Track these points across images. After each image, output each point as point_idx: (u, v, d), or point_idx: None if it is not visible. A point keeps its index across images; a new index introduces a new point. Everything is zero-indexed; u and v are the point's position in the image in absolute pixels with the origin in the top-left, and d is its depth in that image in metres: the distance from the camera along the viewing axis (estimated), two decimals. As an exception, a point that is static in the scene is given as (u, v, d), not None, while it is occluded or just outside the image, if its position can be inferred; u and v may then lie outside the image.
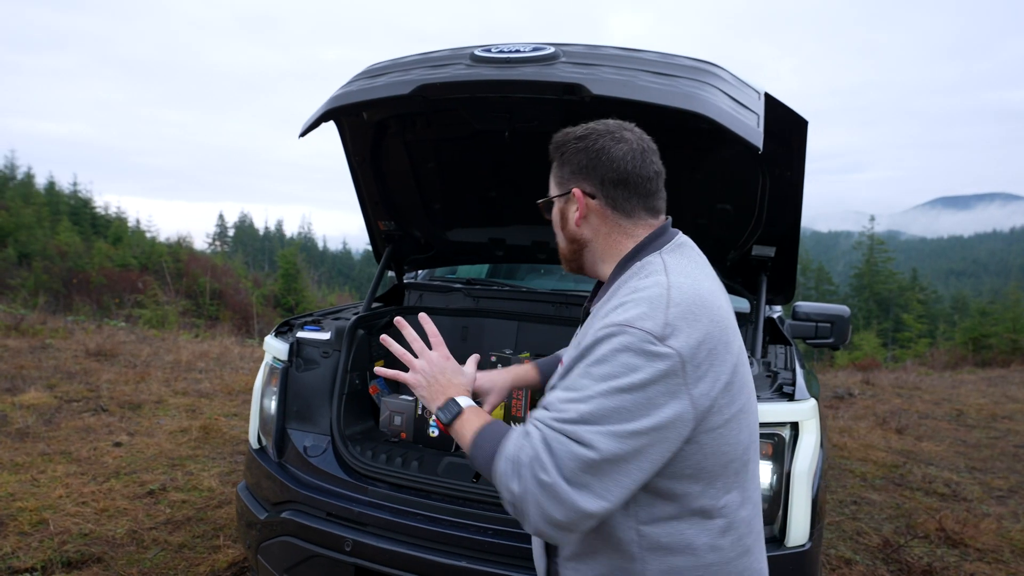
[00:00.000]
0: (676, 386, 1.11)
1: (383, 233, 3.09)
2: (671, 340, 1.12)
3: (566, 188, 1.35)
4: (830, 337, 3.21)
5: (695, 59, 2.03)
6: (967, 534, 4.00)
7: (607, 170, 1.31)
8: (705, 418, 1.16)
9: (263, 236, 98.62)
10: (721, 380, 1.17)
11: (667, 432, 1.12)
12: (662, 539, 1.22)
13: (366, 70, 2.28)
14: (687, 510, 1.21)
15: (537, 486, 1.09)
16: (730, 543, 1.24)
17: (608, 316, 1.19)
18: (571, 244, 1.39)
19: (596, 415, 1.09)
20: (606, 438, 1.08)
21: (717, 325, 1.19)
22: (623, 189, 1.32)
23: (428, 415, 2.44)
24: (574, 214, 1.35)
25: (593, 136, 1.33)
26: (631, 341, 1.12)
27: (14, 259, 29.59)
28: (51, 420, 5.25)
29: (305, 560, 2.14)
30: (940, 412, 7.85)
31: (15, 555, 3.19)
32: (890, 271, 44.84)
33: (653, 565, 1.22)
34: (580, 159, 1.33)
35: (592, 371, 1.13)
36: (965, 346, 18.88)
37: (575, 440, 1.09)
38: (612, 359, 1.12)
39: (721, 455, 1.20)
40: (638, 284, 1.23)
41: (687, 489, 1.20)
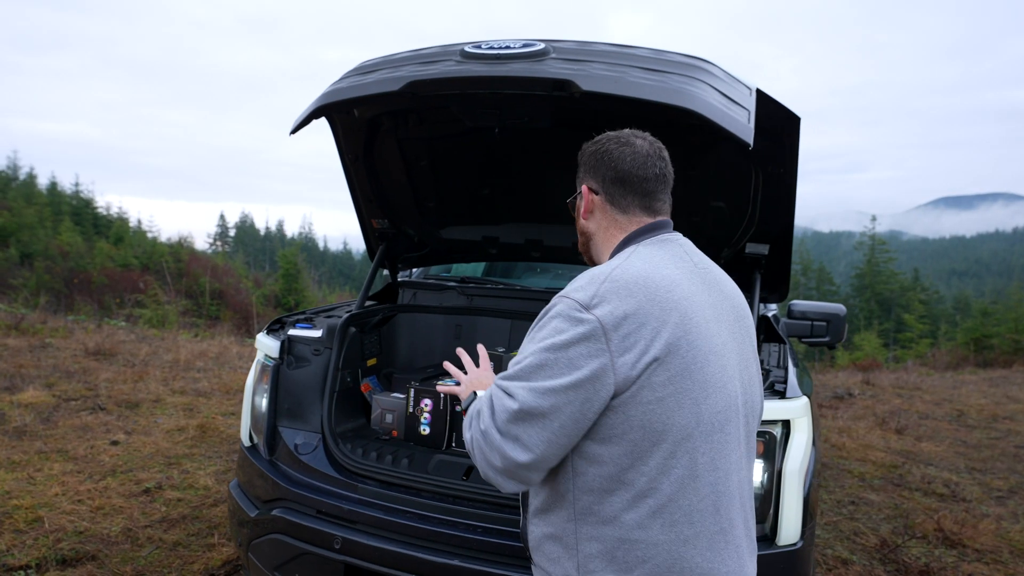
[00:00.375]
0: (596, 350, 1.21)
1: (377, 231, 3.09)
2: (595, 309, 1.24)
3: (579, 186, 1.52)
4: (826, 335, 3.19)
5: (686, 55, 2.02)
6: (966, 535, 3.99)
7: (607, 169, 1.44)
8: (631, 388, 1.22)
9: (264, 236, 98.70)
10: (650, 354, 1.22)
11: (584, 391, 1.21)
12: (593, 506, 1.28)
13: (357, 67, 2.27)
14: (617, 481, 1.26)
15: (480, 434, 1.27)
16: (660, 526, 1.25)
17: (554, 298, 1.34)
18: (581, 237, 1.55)
19: (524, 371, 1.25)
20: (526, 392, 1.22)
21: (657, 305, 1.25)
22: (620, 186, 1.44)
23: (419, 413, 2.43)
24: (582, 208, 1.51)
25: (603, 140, 1.48)
26: (562, 308, 1.27)
27: (16, 259, 29.63)
28: (49, 419, 5.25)
29: (295, 558, 2.14)
30: (940, 412, 7.83)
31: (10, 553, 3.19)
32: (892, 271, 44.77)
33: (585, 530, 1.29)
34: (590, 160, 1.48)
35: (532, 335, 1.31)
36: (967, 346, 18.83)
37: (506, 393, 1.26)
38: (547, 324, 1.28)
39: (651, 431, 1.24)
40: (592, 271, 1.36)
41: (615, 458, 1.26)
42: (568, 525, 1.31)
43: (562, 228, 2.99)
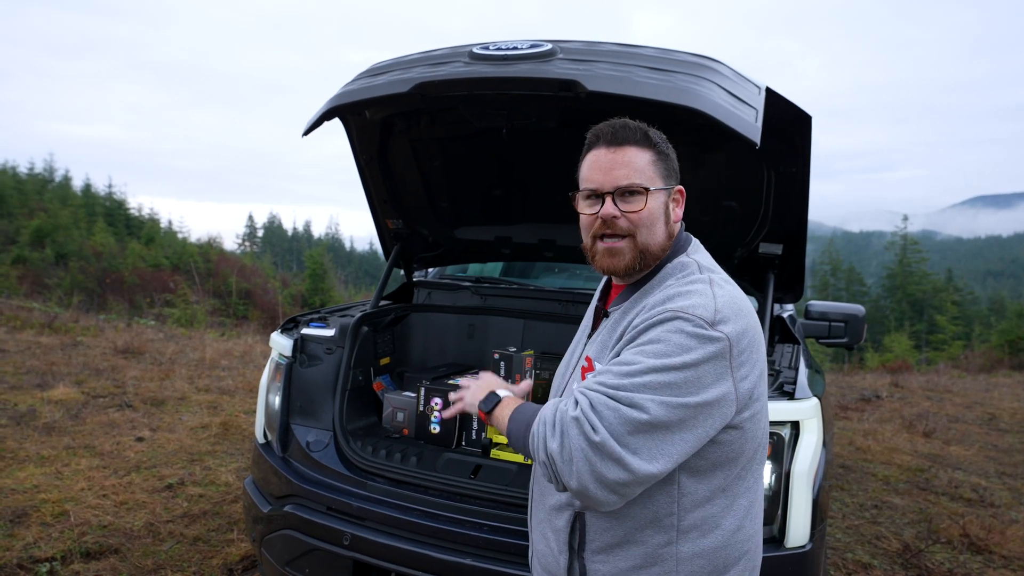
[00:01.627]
0: (723, 368, 1.19)
1: (391, 231, 3.12)
2: (721, 326, 1.20)
3: (673, 183, 1.40)
4: (844, 336, 3.15)
5: (694, 54, 2.01)
6: (992, 540, 3.89)
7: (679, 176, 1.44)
8: (746, 404, 1.25)
9: (291, 237, 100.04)
10: (757, 369, 1.26)
11: (712, 410, 1.19)
12: (697, 520, 1.28)
13: (368, 69, 2.30)
14: (722, 492, 1.29)
15: (587, 444, 1.14)
16: (750, 522, 1.35)
17: (658, 307, 1.26)
18: (668, 240, 1.39)
19: (648, 385, 1.16)
20: (656, 404, 1.15)
21: (755, 318, 1.29)
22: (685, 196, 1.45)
23: (430, 411, 2.45)
24: (675, 210, 1.40)
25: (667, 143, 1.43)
26: (685, 325, 1.20)
27: (52, 259, 30.45)
28: (77, 415, 5.39)
29: (305, 553, 2.17)
30: (971, 416, 7.65)
31: (37, 545, 3.28)
32: (924, 272, 43.86)
33: (686, 547, 1.28)
34: (676, 160, 1.42)
35: (646, 349, 1.20)
36: (1001, 348, 18.37)
37: (626, 404, 1.15)
38: (666, 340, 1.19)
39: (754, 440, 1.30)
40: (682, 281, 1.32)
41: (726, 472, 1.28)
42: (659, 549, 1.28)
43: (574, 228, 2.98)
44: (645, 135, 1.37)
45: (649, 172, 1.35)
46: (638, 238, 1.34)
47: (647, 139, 1.36)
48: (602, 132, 1.38)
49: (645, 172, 1.35)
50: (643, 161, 1.35)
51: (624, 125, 1.37)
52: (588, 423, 1.15)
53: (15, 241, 32.35)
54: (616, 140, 1.36)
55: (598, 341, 1.41)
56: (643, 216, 1.34)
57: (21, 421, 5.12)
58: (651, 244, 1.36)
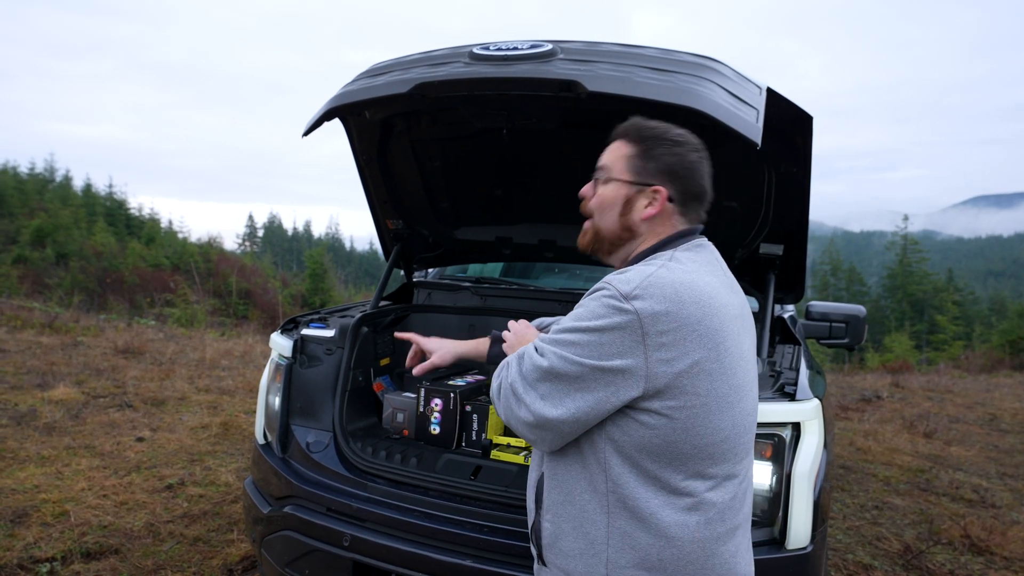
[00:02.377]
0: (632, 342, 1.24)
1: (391, 232, 3.11)
2: (635, 301, 1.25)
3: (646, 181, 1.42)
4: (845, 337, 3.15)
5: (695, 55, 2.00)
6: (994, 541, 3.89)
7: (694, 184, 1.43)
8: (668, 391, 1.25)
9: (291, 236, 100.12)
10: (688, 359, 1.25)
11: (612, 378, 1.24)
12: (628, 499, 1.29)
13: (368, 69, 2.29)
14: (655, 481, 1.29)
15: (508, 385, 1.35)
16: (696, 523, 1.29)
17: (599, 283, 1.34)
18: (623, 231, 1.45)
19: (558, 341, 1.30)
20: (556, 356, 1.28)
21: (700, 309, 1.27)
22: (696, 203, 1.46)
23: (430, 412, 2.44)
24: (645, 208, 1.42)
25: (690, 147, 1.43)
26: (604, 293, 1.29)
27: (52, 259, 30.48)
28: (78, 415, 5.39)
29: (305, 555, 2.17)
30: (972, 416, 7.65)
31: (37, 545, 3.28)
32: (924, 272, 43.87)
33: (618, 524, 1.30)
34: (672, 162, 1.41)
35: (572, 312, 1.35)
36: (1002, 349, 18.38)
37: (537, 353, 1.32)
38: (585, 305, 1.32)
39: (691, 437, 1.28)
40: (639, 266, 1.37)
41: (656, 461, 1.28)
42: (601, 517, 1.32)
43: (575, 228, 2.97)
44: (636, 131, 1.44)
45: (619, 165, 1.43)
46: (595, 220, 1.48)
47: (635, 135, 1.43)
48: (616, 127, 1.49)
49: (616, 164, 1.44)
50: (618, 154, 1.44)
51: (629, 122, 1.47)
52: (513, 368, 1.36)
53: (16, 241, 32.39)
54: (615, 134, 1.48)
55: None
56: (595, 202, 1.47)
57: (21, 421, 5.12)
58: (601, 228, 1.47)
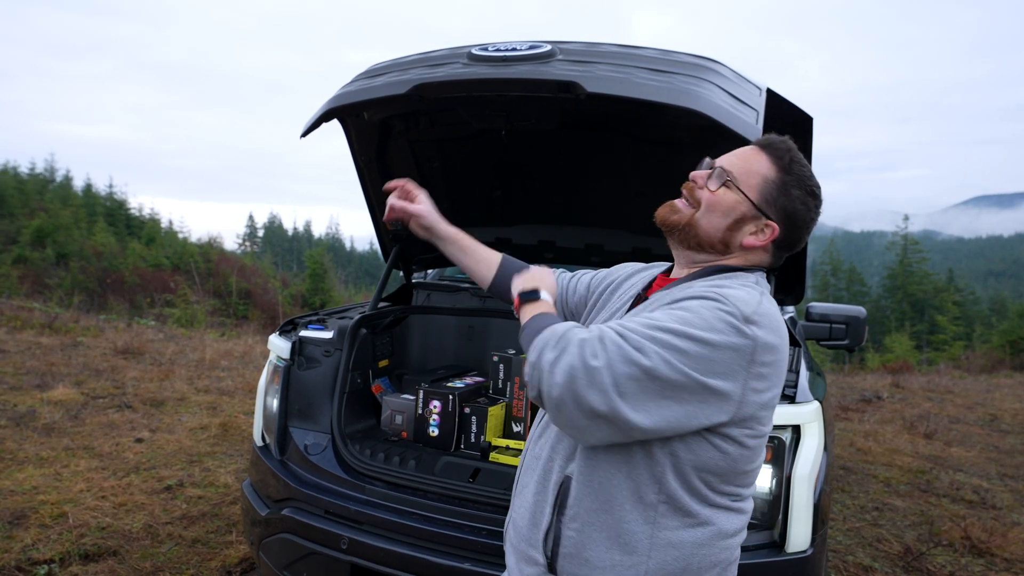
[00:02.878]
0: (739, 366, 1.16)
1: (390, 233, 3.10)
2: (754, 327, 1.17)
3: (768, 213, 1.32)
4: (845, 338, 3.14)
5: (694, 55, 2.00)
6: (994, 543, 3.88)
7: (798, 238, 1.36)
8: (751, 420, 1.22)
9: (292, 236, 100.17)
10: (772, 393, 1.23)
11: (709, 398, 1.15)
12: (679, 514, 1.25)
13: (367, 70, 2.29)
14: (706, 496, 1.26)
15: (581, 364, 1.10)
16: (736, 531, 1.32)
17: (703, 288, 1.24)
18: (719, 243, 1.35)
19: (661, 341, 1.12)
20: (660, 358, 1.11)
21: (786, 346, 1.26)
22: (785, 253, 1.39)
23: (428, 414, 2.44)
24: (751, 235, 1.33)
25: (819, 203, 1.35)
26: (722, 307, 1.17)
27: (52, 259, 30.49)
28: (77, 416, 5.38)
29: (303, 557, 2.16)
30: (973, 417, 7.64)
31: (35, 547, 3.27)
32: (925, 272, 43.89)
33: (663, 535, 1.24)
34: (800, 210, 1.32)
35: (674, 313, 1.18)
36: (1002, 349, 18.37)
37: (633, 346, 1.11)
38: (697, 312, 1.16)
39: (753, 462, 1.29)
40: (735, 281, 1.30)
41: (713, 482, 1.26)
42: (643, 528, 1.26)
43: (575, 229, 2.98)
44: (788, 158, 1.32)
45: (753, 180, 1.31)
46: (698, 213, 1.34)
47: (785, 162, 1.32)
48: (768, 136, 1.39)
49: (751, 177, 1.32)
50: (760, 169, 1.32)
51: (786, 142, 1.35)
52: (590, 348, 1.12)
53: (16, 241, 32.40)
54: (765, 143, 1.36)
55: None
56: (711, 199, 1.33)
57: (20, 422, 5.11)
58: (701, 227, 1.34)
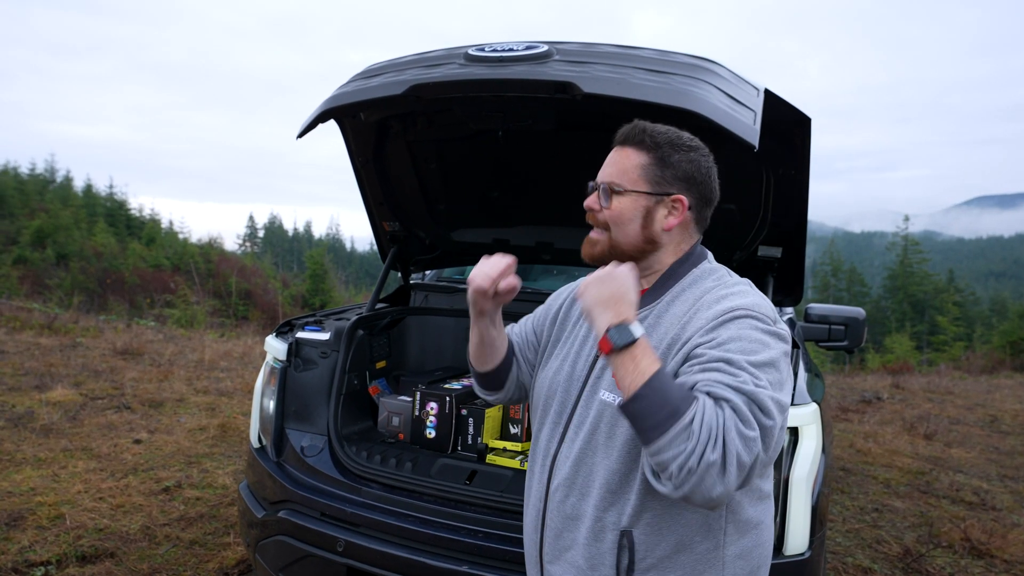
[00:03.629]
0: (789, 366, 1.22)
1: (388, 234, 3.10)
2: (780, 325, 1.24)
3: (665, 190, 1.34)
4: (844, 340, 3.13)
5: (692, 56, 1.99)
6: (994, 544, 3.87)
7: (708, 190, 1.38)
8: None
9: (292, 237, 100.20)
10: None
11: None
12: (739, 521, 1.30)
13: (363, 71, 2.28)
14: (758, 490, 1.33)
15: (750, 460, 1.04)
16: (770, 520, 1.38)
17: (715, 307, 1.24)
18: (646, 244, 1.36)
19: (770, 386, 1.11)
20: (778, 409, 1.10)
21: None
22: (708, 208, 1.40)
23: (425, 416, 2.43)
24: (666, 218, 1.35)
25: (702, 151, 1.38)
26: (757, 323, 1.20)
27: (52, 259, 30.50)
28: (75, 417, 5.37)
29: (299, 560, 2.15)
30: (973, 417, 7.62)
31: (32, 548, 3.26)
32: (925, 272, 43.89)
33: (731, 549, 1.29)
34: (690, 169, 1.35)
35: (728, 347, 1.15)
36: (1003, 350, 18.36)
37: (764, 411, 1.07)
38: (745, 338, 1.16)
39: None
40: (726, 282, 1.32)
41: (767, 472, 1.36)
42: (716, 553, 1.27)
43: (572, 230, 2.97)
44: (648, 137, 1.35)
45: (634, 175, 1.34)
46: (611, 233, 1.36)
47: (648, 141, 1.34)
48: (620, 131, 1.40)
49: (629, 174, 1.34)
50: (632, 163, 1.35)
51: (635, 127, 1.37)
52: (741, 430, 1.04)
53: (16, 241, 32.41)
54: (622, 139, 1.38)
55: None
56: (611, 215, 1.35)
57: (19, 423, 5.10)
58: (621, 242, 1.35)
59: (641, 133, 1.35)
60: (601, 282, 1.23)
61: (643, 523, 1.25)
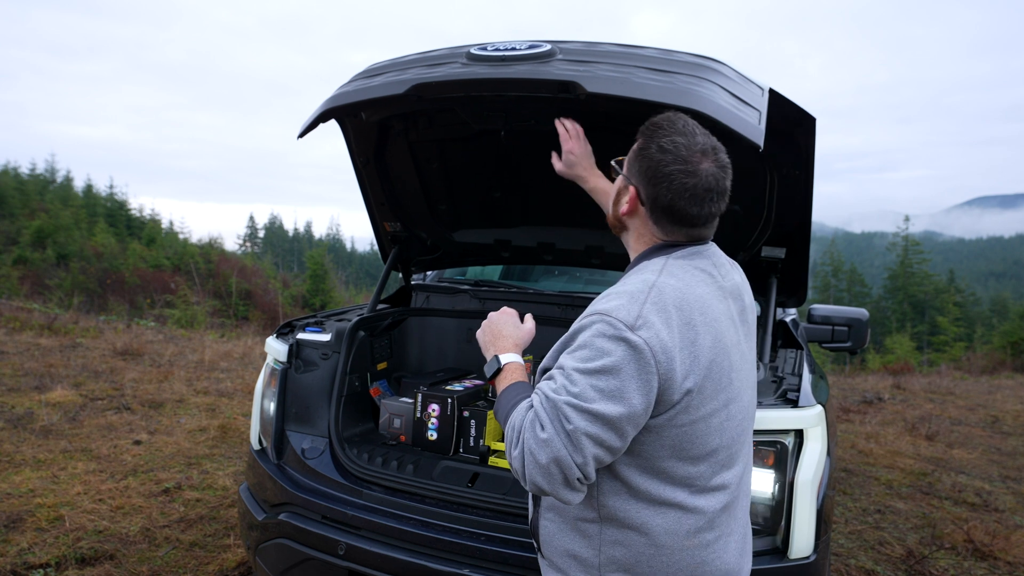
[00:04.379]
0: (645, 374, 1.19)
1: (389, 234, 3.08)
2: (641, 331, 1.20)
3: (629, 178, 1.40)
4: (847, 341, 3.12)
5: (696, 55, 1.97)
6: (997, 546, 3.85)
7: (663, 192, 1.32)
8: (667, 413, 1.24)
9: (292, 237, 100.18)
10: (691, 380, 1.23)
11: (637, 417, 1.20)
12: (617, 513, 1.30)
13: (365, 70, 2.26)
14: (642, 493, 1.29)
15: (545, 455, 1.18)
16: (686, 531, 1.30)
17: (593, 304, 1.29)
18: (616, 222, 1.47)
19: (578, 395, 1.18)
20: (581, 416, 1.17)
21: (692, 329, 1.25)
22: (667, 217, 1.36)
23: (427, 418, 2.41)
24: (624, 203, 1.41)
25: (672, 156, 1.31)
26: (605, 328, 1.21)
27: (53, 260, 30.48)
28: (75, 418, 5.36)
29: (300, 563, 2.14)
30: (974, 418, 7.61)
31: (31, 551, 3.25)
32: (926, 272, 43.88)
33: (609, 534, 1.31)
34: (649, 166, 1.33)
35: (575, 354, 1.24)
36: (1003, 350, 18.34)
37: (563, 416, 1.18)
38: (590, 343, 1.22)
39: (683, 452, 1.27)
40: (629, 279, 1.33)
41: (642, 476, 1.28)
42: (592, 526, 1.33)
43: (574, 231, 2.96)
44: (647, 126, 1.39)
45: (629, 156, 1.42)
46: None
47: (644, 130, 1.39)
48: None
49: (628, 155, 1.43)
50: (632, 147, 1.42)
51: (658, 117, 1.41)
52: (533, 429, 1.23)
53: (16, 242, 32.40)
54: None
55: None
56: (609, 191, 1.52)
57: (18, 424, 5.09)
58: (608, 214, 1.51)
59: (649, 125, 1.39)
60: (483, 329, 1.57)
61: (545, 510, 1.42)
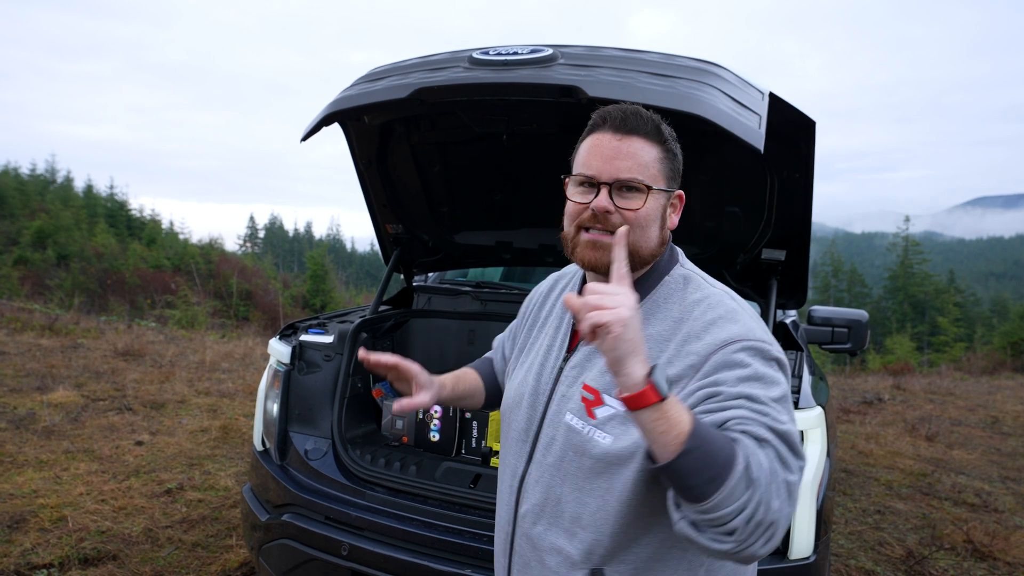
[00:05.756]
0: None
1: (391, 236, 3.09)
2: (776, 348, 1.15)
3: (675, 187, 1.26)
4: (847, 342, 3.13)
5: (697, 60, 1.99)
6: (997, 547, 3.86)
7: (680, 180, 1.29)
8: None
9: (292, 238, 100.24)
10: None
11: None
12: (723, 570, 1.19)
13: (367, 74, 2.28)
14: None
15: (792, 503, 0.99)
16: None
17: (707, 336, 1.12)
18: (660, 247, 1.25)
19: (792, 438, 1.02)
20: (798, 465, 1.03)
21: None
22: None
23: (429, 419, 2.43)
24: (671, 216, 1.27)
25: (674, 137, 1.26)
26: (760, 354, 1.10)
27: (53, 260, 30.50)
28: (77, 419, 5.37)
29: (303, 563, 2.15)
30: (974, 419, 7.62)
31: (34, 551, 3.26)
32: (926, 273, 43.89)
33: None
34: (682, 160, 1.27)
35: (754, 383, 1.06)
36: (1003, 350, 18.35)
37: (794, 451, 1.02)
38: (758, 374, 1.07)
39: None
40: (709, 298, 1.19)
41: None
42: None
43: (576, 233, 2.97)
44: (657, 128, 1.22)
45: (654, 169, 1.20)
46: (630, 237, 1.17)
47: (658, 133, 1.22)
48: (610, 115, 1.21)
49: (650, 169, 1.19)
50: (650, 156, 1.20)
51: (636, 112, 1.21)
52: (781, 476, 0.97)
53: (17, 242, 32.43)
54: (625, 127, 1.19)
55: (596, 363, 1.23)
56: (639, 216, 1.19)
57: (20, 425, 5.10)
58: (642, 247, 1.21)
59: (652, 122, 1.22)
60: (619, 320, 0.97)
61: (619, 563, 1.16)
